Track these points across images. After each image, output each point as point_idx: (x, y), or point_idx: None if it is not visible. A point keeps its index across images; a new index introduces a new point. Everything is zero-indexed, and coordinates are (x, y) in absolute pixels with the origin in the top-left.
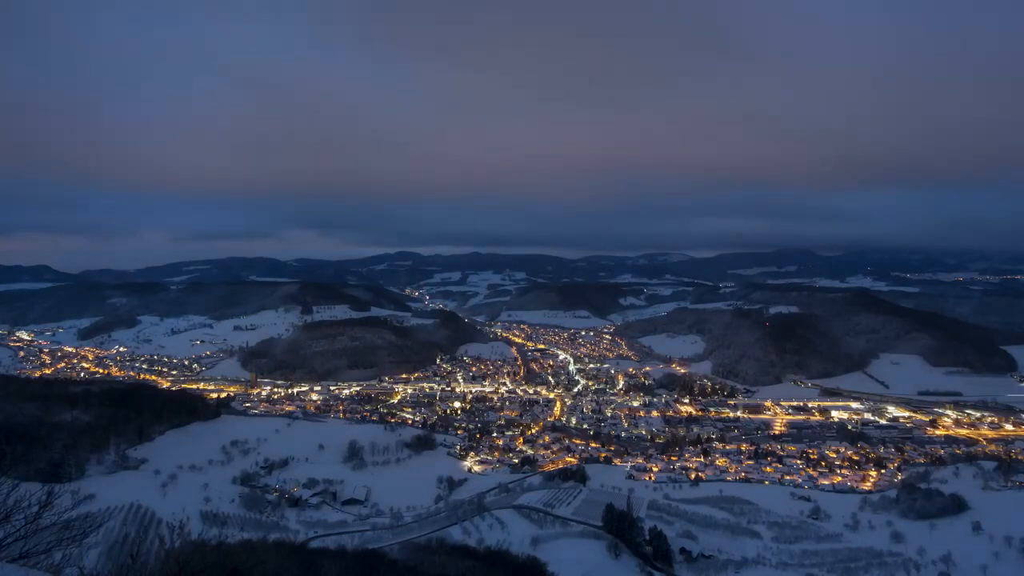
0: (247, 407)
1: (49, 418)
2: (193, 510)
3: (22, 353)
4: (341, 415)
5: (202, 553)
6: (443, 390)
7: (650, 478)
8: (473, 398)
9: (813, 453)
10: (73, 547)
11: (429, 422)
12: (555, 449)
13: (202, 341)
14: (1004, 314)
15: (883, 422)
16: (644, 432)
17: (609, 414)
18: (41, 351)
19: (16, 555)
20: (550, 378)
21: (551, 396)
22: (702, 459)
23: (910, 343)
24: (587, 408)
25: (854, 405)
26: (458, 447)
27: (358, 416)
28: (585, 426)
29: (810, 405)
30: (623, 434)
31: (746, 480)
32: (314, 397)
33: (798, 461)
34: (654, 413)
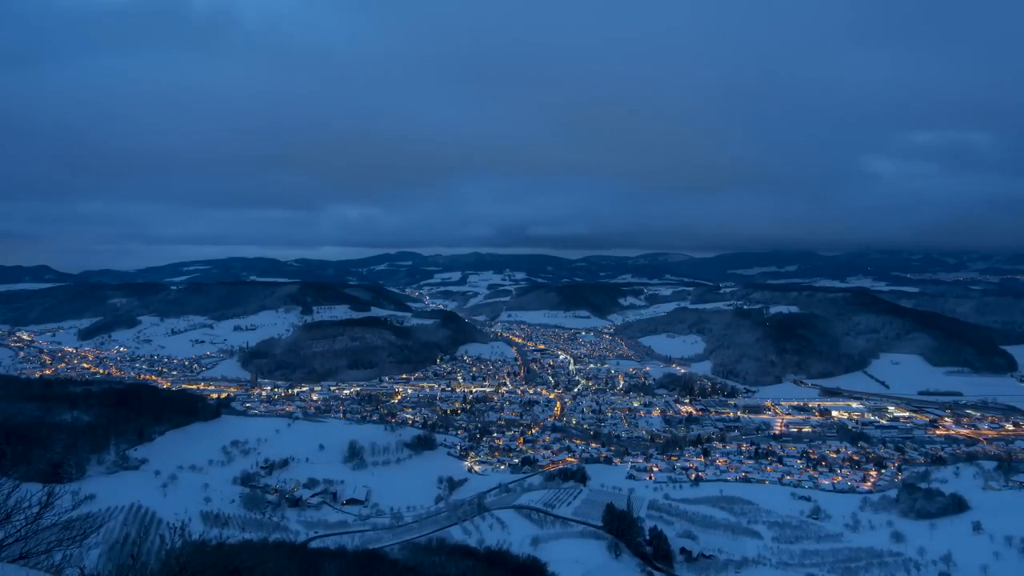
0: (247, 407)
1: (49, 418)
2: (193, 510)
3: (22, 353)
4: (341, 415)
5: (203, 553)
6: (443, 390)
7: (650, 478)
8: (473, 398)
9: (813, 453)
10: (73, 547)
11: (429, 422)
12: (555, 449)
13: (202, 341)
14: (1004, 314)
15: (883, 422)
16: (644, 432)
17: (609, 414)
18: (41, 351)
19: (16, 555)
20: (550, 378)
21: (551, 396)
22: (702, 459)
23: (910, 343)
24: (587, 408)
25: (854, 405)
26: (458, 447)
27: (358, 416)
28: (585, 426)
29: (810, 405)
30: (623, 434)
31: (746, 480)
32: (314, 397)
33: (798, 461)
34: (654, 413)
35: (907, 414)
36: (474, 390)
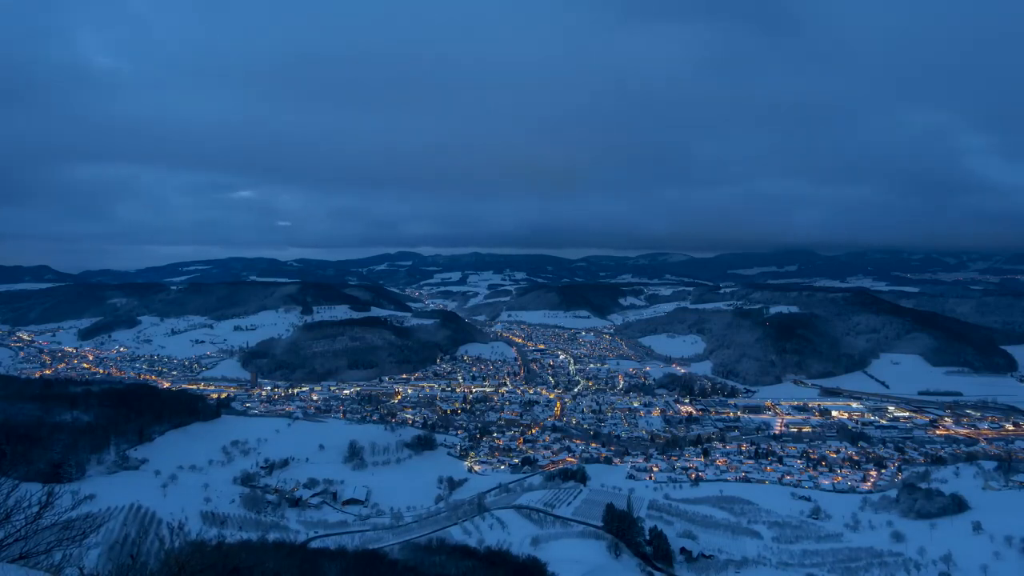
0: (247, 407)
1: (49, 418)
2: (193, 510)
3: (22, 353)
4: (341, 415)
5: (202, 553)
6: (443, 390)
7: (650, 478)
8: (473, 398)
9: (813, 453)
10: (73, 547)
11: (429, 422)
12: (555, 449)
13: (202, 341)
14: (1004, 314)
15: (883, 422)
16: (644, 432)
17: (609, 414)
18: (41, 351)
19: (16, 555)
20: (550, 378)
21: (551, 396)
22: (702, 459)
23: (910, 343)
24: (587, 408)
25: (854, 405)
26: (458, 447)
27: (358, 416)
28: (585, 426)
29: (810, 405)
30: (623, 434)
31: (746, 480)
32: (314, 397)
33: (798, 461)
34: (654, 413)
35: (907, 414)
36: (474, 390)
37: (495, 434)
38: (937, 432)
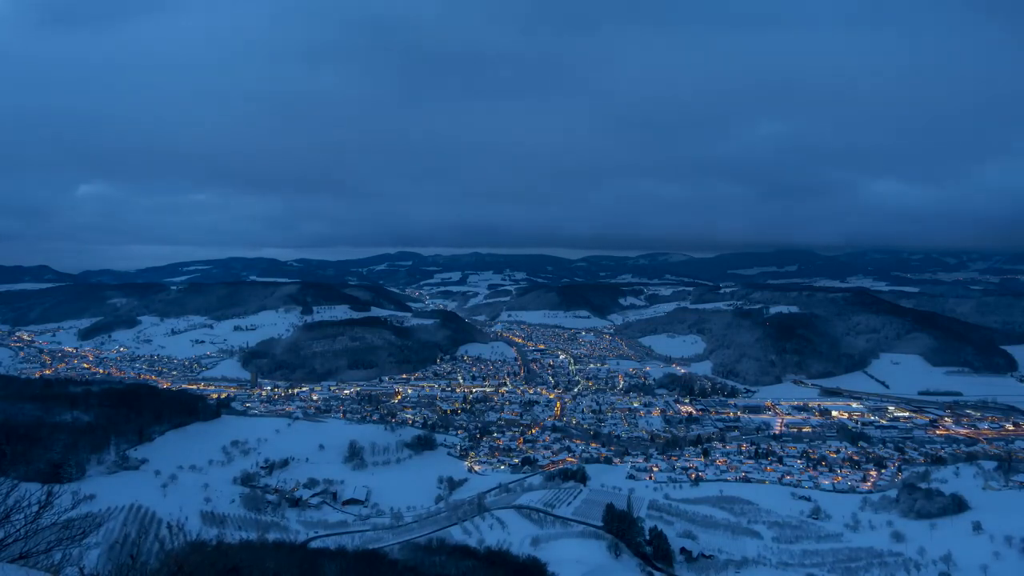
0: (247, 407)
1: (49, 418)
2: (193, 510)
3: (22, 353)
4: (341, 415)
5: (201, 553)
6: (443, 390)
7: (650, 478)
8: (473, 398)
9: (813, 453)
10: (73, 547)
11: (429, 422)
12: (555, 449)
13: (202, 341)
14: (1004, 314)
15: (883, 422)
16: (644, 432)
17: (609, 414)
18: (41, 351)
19: (16, 555)
20: (550, 378)
21: (551, 396)
22: (702, 459)
23: (910, 343)
24: (587, 408)
25: (854, 405)
26: (458, 447)
27: (358, 416)
28: (585, 426)
29: (810, 405)
30: (623, 434)
31: (746, 480)
32: (314, 397)
33: (798, 461)
34: (654, 413)
35: (907, 414)
36: (474, 390)
37: (495, 434)
38: (937, 432)
